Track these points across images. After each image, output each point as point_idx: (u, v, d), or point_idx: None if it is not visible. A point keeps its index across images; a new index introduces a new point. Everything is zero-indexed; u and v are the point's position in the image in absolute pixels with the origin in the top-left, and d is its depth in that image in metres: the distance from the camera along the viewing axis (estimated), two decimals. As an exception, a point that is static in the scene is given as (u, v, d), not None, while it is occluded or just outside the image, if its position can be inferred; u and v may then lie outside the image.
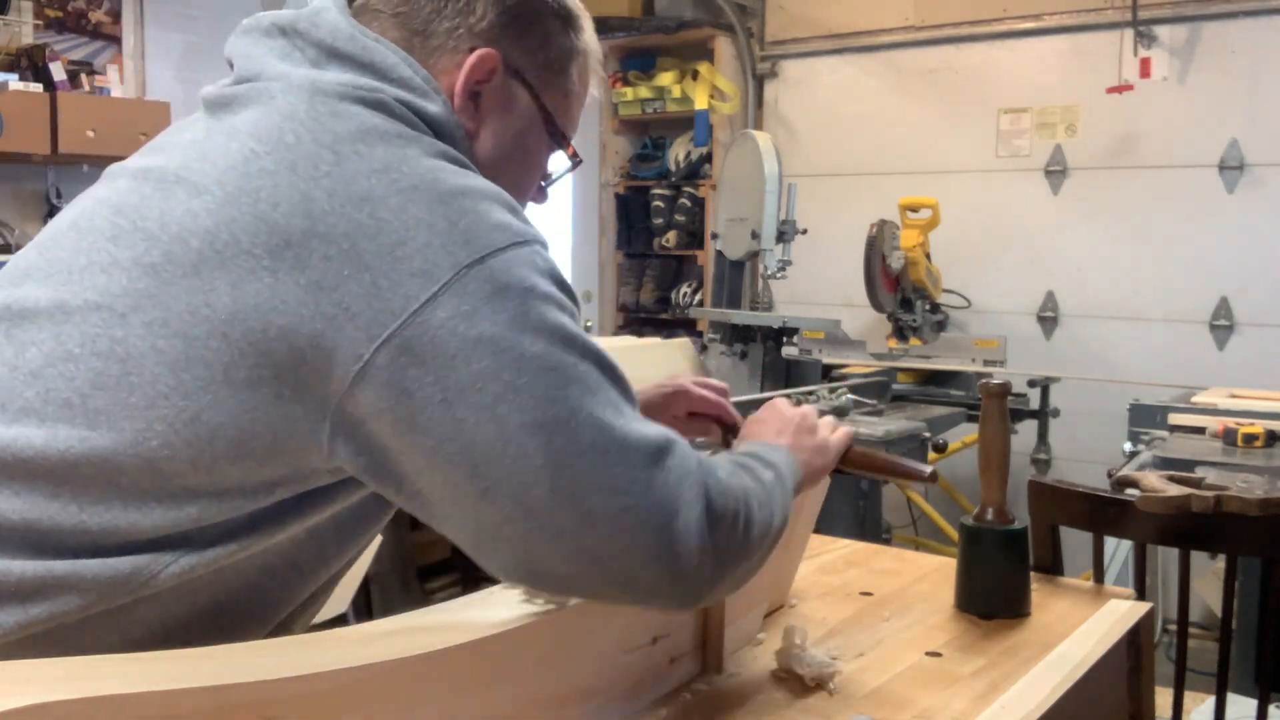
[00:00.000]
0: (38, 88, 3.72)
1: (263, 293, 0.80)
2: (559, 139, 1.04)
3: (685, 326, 4.80)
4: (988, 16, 4.27)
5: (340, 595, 1.88)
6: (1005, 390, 1.30)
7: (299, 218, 0.81)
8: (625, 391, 0.86)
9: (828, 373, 3.51)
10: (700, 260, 4.87)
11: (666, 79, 4.89)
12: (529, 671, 0.88)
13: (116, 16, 4.45)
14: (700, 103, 4.76)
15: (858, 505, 2.73)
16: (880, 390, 3.26)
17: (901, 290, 3.80)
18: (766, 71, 4.83)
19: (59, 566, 0.81)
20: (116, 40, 4.46)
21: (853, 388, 3.10)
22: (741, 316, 3.58)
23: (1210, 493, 1.42)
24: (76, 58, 4.19)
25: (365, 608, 1.88)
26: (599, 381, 0.84)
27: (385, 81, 0.91)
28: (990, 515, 1.30)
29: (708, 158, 4.86)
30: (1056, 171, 4.16)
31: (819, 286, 4.49)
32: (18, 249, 1.55)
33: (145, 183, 0.88)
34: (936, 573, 1.45)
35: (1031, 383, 3.63)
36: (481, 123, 0.98)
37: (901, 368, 3.60)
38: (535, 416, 0.80)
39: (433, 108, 0.92)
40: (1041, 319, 4.22)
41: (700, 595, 0.87)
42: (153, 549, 0.82)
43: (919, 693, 1.06)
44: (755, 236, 3.55)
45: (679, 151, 4.99)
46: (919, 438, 2.86)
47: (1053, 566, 1.48)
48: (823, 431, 1.15)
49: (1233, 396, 2.90)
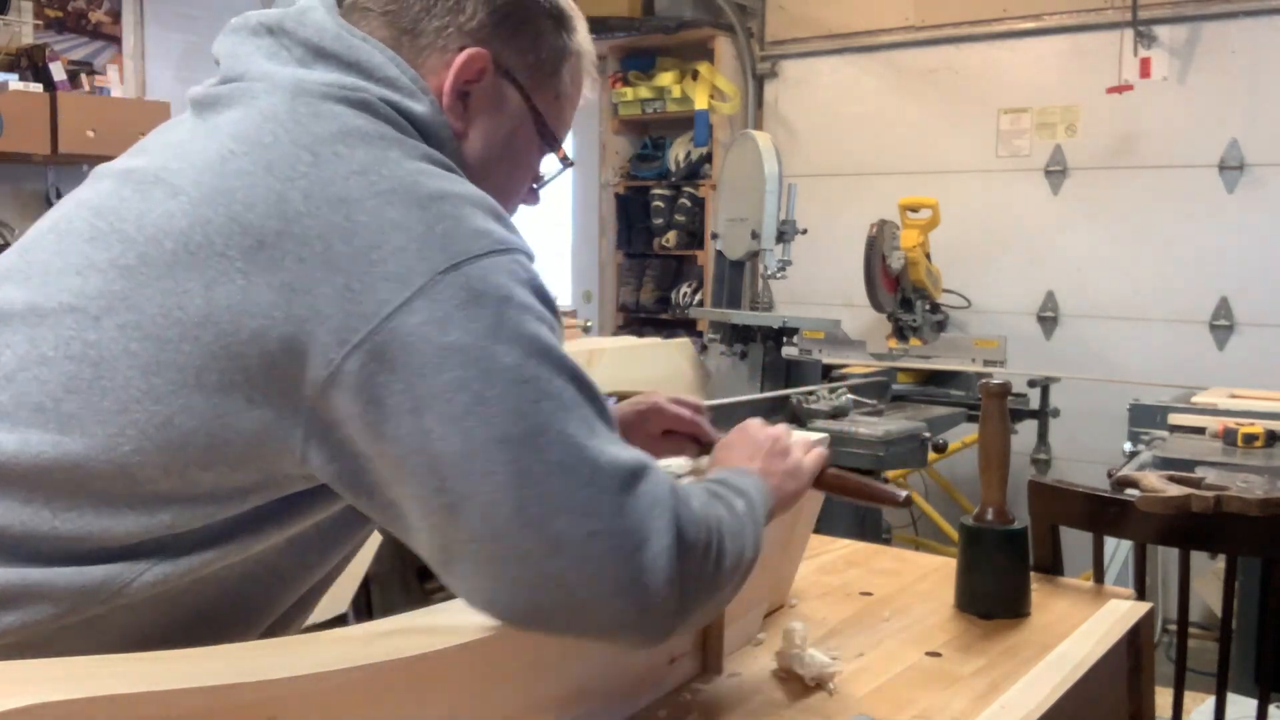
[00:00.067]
0: (38, 88, 3.72)
1: (235, 295, 0.79)
2: (550, 140, 1.02)
3: (685, 326, 4.80)
4: (988, 16, 4.27)
5: (340, 595, 1.89)
6: (1005, 390, 1.30)
7: (273, 219, 0.80)
8: (601, 412, 0.83)
9: (828, 373, 3.51)
10: (700, 260, 4.87)
11: (666, 79, 4.89)
12: (528, 672, 0.87)
13: (116, 16, 4.45)
14: (700, 103, 4.76)
15: (858, 505, 2.72)
16: (880, 390, 3.26)
17: (901, 290, 3.80)
18: (766, 71, 4.83)
19: (32, 574, 0.79)
20: (116, 40, 4.46)
21: (853, 388, 3.10)
22: (741, 316, 3.58)
23: (1210, 493, 1.42)
24: (76, 58, 4.19)
25: (365, 608, 1.89)
26: (574, 399, 0.81)
27: (371, 81, 0.89)
28: (990, 515, 1.30)
29: (708, 158, 4.86)
30: (1056, 171, 4.16)
31: (819, 286, 4.49)
32: (18, 249, 1.55)
33: (126, 184, 0.87)
34: (936, 573, 1.45)
35: (1031, 383, 3.63)
36: (471, 123, 0.96)
37: (901, 368, 3.60)
38: (503, 431, 0.77)
39: (419, 107, 0.90)
40: (1041, 319, 4.22)
41: (665, 630, 0.82)
42: (126, 557, 0.81)
43: (919, 693, 1.06)
44: (755, 236, 3.55)
45: (679, 151, 4.99)
46: (919, 438, 2.85)
47: (1053, 566, 1.48)
48: (796, 454, 1.09)
49: (1233, 396, 2.89)
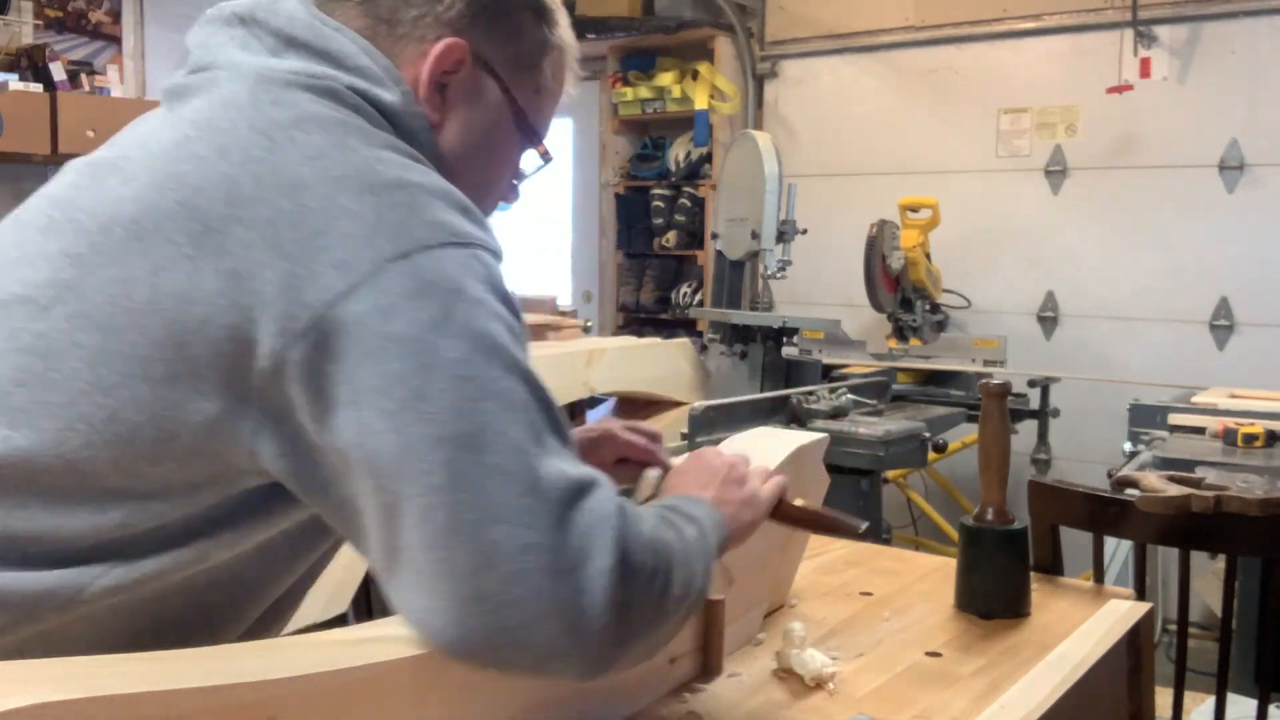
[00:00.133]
0: (38, 88, 3.73)
1: (181, 281, 0.76)
2: (530, 135, 0.99)
3: (685, 326, 4.79)
4: (988, 16, 4.27)
5: (340, 595, 1.89)
6: (1005, 390, 1.30)
7: (222, 203, 0.77)
8: (554, 421, 0.79)
9: (828, 373, 3.50)
10: (700, 260, 4.87)
11: (666, 79, 4.88)
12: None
13: (116, 16, 4.45)
14: (700, 103, 4.76)
15: (858, 505, 2.72)
16: (880, 390, 3.26)
17: (901, 290, 3.80)
18: (766, 71, 4.83)
19: None
20: (116, 40, 4.46)
21: (853, 388, 3.09)
22: (741, 316, 3.58)
23: (1210, 493, 1.42)
24: (76, 58, 4.19)
25: (365, 608, 1.89)
26: (523, 402, 0.76)
27: (340, 70, 0.87)
28: (990, 515, 1.30)
29: (708, 158, 4.85)
30: (1056, 171, 4.16)
31: (819, 286, 4.49)
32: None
33: (84, 174, 0.86)
34: (936, 573, 1.45)
35: (1031, 383, 3.63)
36: (447, 115, 0.94)
37: (901, 368, 3.60)
38: (440, 430, 0.73)
39: (389, 96, 0.88)
40: (1041, 319, 4.22)
41: (602, 660, 0.76)
42: (79, 561, 0.78)
43: (919, 693, 1.06)
44: (755, 236, 3.55)
45: (679, 151, 4.99)
46: (919, 438, 2.85)
47: (1053, 566, 1.48)
48: (752, 483, 1.02)
49: (1233, 396, 2.89)
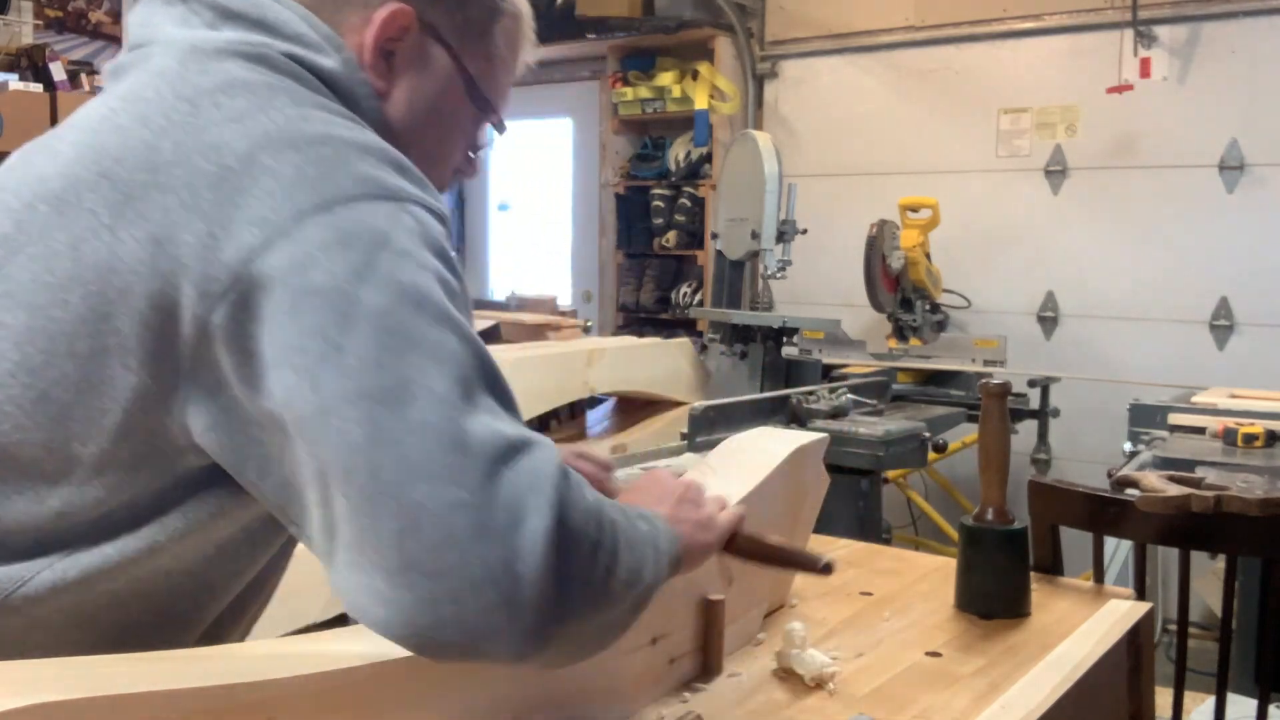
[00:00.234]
0: (38, 88, 3.73)
1: (100, 252, 0.74)
2: (483, 105, 0.96)
3: (685, 326, 4.79)
4: (988, 16, 4.27)
5: (340, 595, 1.89)
6: (1005, 390, 1.30)
7: (142, 171, 0.76)
8: (490, 379, 0.73)
9: (828, 373, 3.51)
10: (700, 260, 4.87)
11: (666, 79, 4.89)
12: (529, 672, 0.87)
13: (116, 16, 4.45)
14: (700, 103, 4.76)
15: (858, 505, 2.72)
16: (880, 390, 3.26)
17: (901, 290, 3.80)
18: (766, 71, 4.83)
19: None
20: (116, 40, 4.46)
21: (853, 388, 3.10)
22: (741, 316, 3.58)
23: (1210, 493, 1.42)
24: (76, 58, 4.20)
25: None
26: (453, 354, 0.70)
27: (277, 38, 0.85)
28: (990, 515, 1.30)
29: (708, 158, 4.85)
30: (1056, 171, 4.16)
31: (819, 286, 4.49)
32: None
33: (18, 157, 0.85)
34: (936, 573, 1.45)
35: (1031, 383, 3.63)
36: (394, 83, 0.91)
37: (901, 368, 3.60)
38: (358, 383, 0.68)
39: (327, 62, 0.86)
40: (1041, 319, 4.22)
41: (539, 637, 0.69)
42: (21, 555, 0.77)
43: (919, 693, 1.06)
44: (755, 236, 3.55)
45: (679, 151, 4.99)
46: (919, 438, 2.85)
47: (1053, 566, 1.48)
48: (710, 507, 0.96)
49: (1233, 396, 2.89)
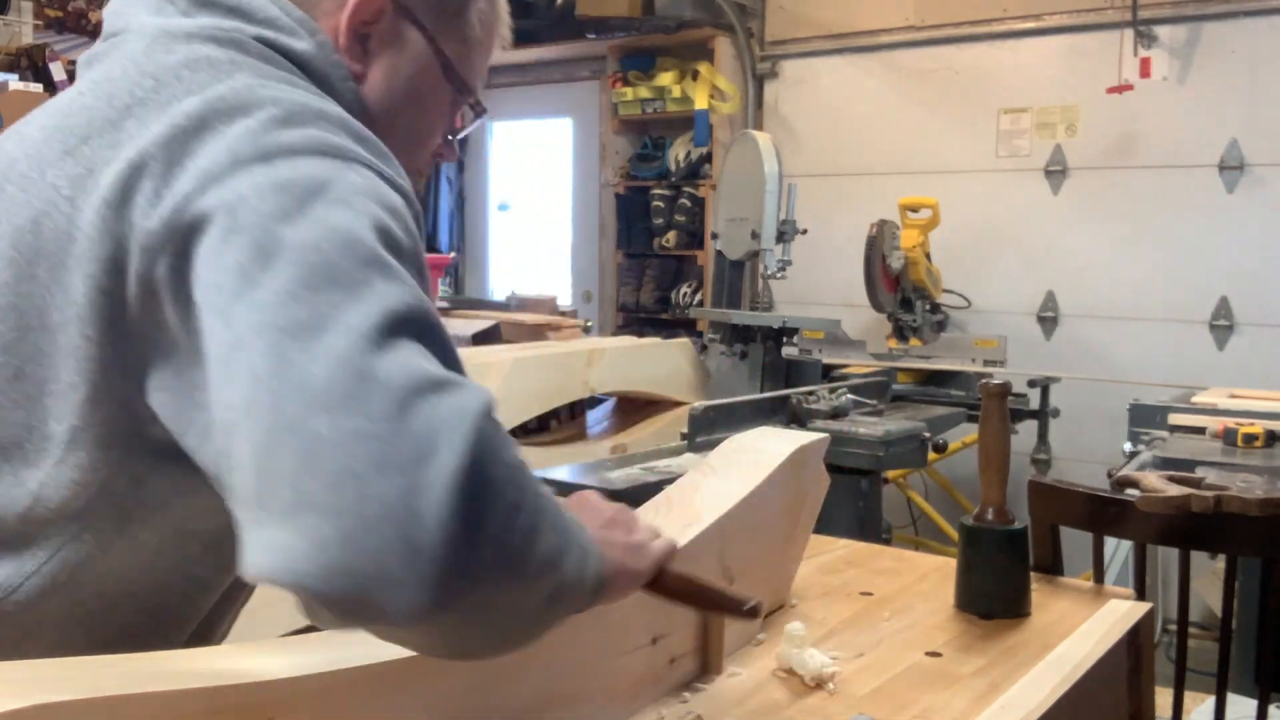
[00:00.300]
0: (38, 88, 3.73)
1: (60, 223, 0.76)
2: (460, 87, 0.97)
3: (685, 326, 4.79)
4: (988, 16, 4.27)
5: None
6: (1005, 390, 1.30)
7: (106, 148, 0.77)
8: (423, 328, 0.67)
9: (828, 373, 3.51)
10: (700, 260, 4.87)
11: (666, 79, 4.89)
12: (529, 672, 0.87)
13: (116, 16, 4.44)
14: (700, 103, 4.76)
15: (858, 505, 2.72)
16: (880, 390, 3.26)
17: (901, 290, 3.80)
18: (766, 71, 4.83)
19: None
20: (116, 40, 4.45)
21: (853, 388, 3.10)
22: (741, 316, 3.58)
23: (1210, 493, 1.42)
24: (76, 58, 4.20)
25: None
26: (379, 296, 0.66)
27: (249, 23, 0.86)
28: (990, 515, 1.29)
29: (708, 158, 4.86)
30: (1056, 171, 4.16)
31: (819, 286, 4.49)
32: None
33: None
34: (936, 573, 1.45)
35: (1031, 383, 3.63)
36: (370, 66, 0.91)
37: (901, 368, 3.60)
38: (268, 316, 0.64)
39: (300, 45, 0.86)
40: (1041, 319, 4.22)
41: (440, 590, 0.60)
42: (5, 549, 0.78)
43: (919, 693, 1.06)
44: (755, 236, 3.55)
45: (679, 151, 4.99)
46: (919, 438, 2.85)
47: (1053, 566, 1.48)
48: (641, 534, 0.89)
49: (1233, 396, 2.89)
